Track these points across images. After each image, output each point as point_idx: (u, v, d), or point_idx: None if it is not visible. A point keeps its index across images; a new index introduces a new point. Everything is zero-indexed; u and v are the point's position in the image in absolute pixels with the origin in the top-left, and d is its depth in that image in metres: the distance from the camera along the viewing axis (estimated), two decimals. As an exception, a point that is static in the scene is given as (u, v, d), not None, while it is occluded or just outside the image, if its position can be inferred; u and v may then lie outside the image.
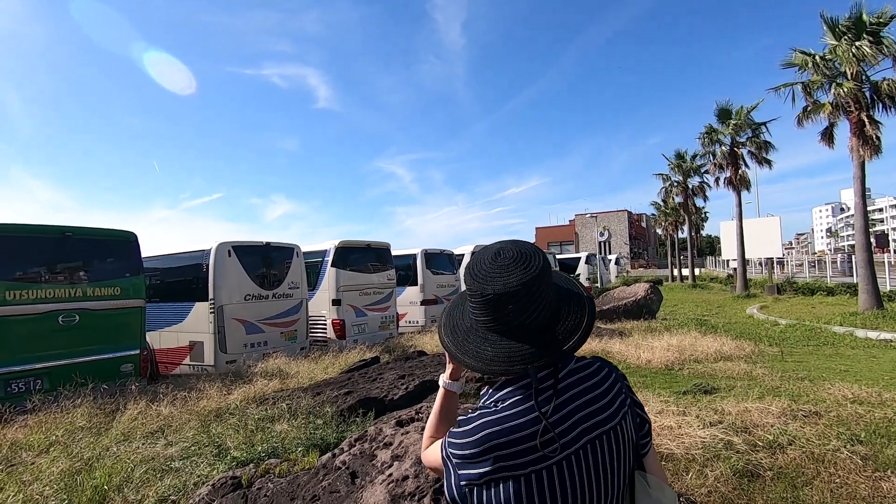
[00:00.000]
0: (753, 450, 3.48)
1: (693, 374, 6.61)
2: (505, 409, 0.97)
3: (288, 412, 4.63)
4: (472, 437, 0.95)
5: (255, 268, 9.39)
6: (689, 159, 32.27)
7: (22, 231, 6.73)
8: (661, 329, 10.57)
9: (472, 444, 0.94)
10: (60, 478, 3.45)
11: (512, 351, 0.96)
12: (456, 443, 0.97)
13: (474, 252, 15.67)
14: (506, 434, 0.93)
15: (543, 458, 0.93)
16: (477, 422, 0.96)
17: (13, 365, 6.30)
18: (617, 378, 1.08)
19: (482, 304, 0.98)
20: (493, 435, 0.93)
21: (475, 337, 1.01)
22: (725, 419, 4.06)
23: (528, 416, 0.94)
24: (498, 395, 1.00)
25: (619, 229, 63.34)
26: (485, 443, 0.93)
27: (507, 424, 0.94)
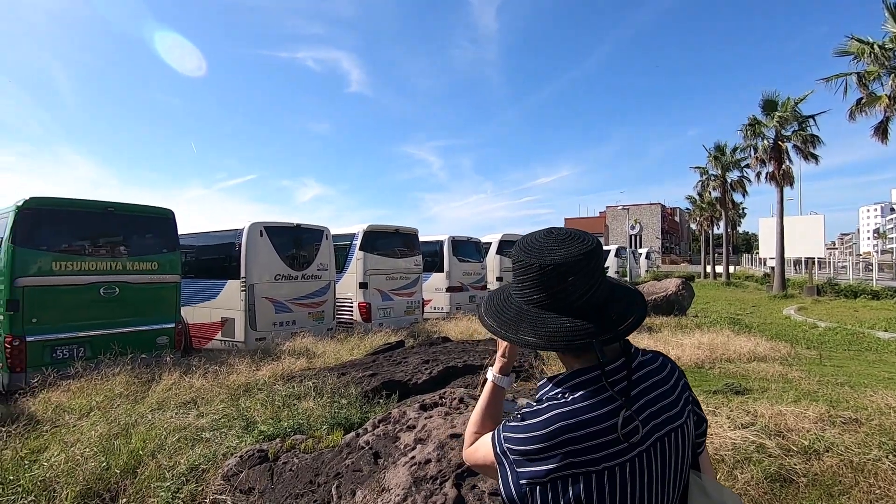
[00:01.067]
0: (787, 454, 3.35)
1: (724, 374, 6.42)
2: (575, 400, 0.90)
3: (314, 391, 4.72)
4: (542, 430, 0.88)
5: (286, 248, 9.56)
6: (730, 152, 31.07)
7: (69, 205, 7.03)
8: (692, 326, 10.29)
9: (541, 437, 0.87)
10: (99, 441, 3.62)
11: (572, 326, 0.91)
12: (517, 437, 0.90)
13: (503, 240, 15.59)
14: (580, 427, 0.87)
15: (617, 455, 0.88)
16: (548, 413, 0.89)
17: (59, 332, 6.63)
18: (680, 374, 1.04)
19: (538, 278, 0.93)
20: (566, 428, 0.87)
21: (528, 318, 0.95)
22: (758, 421, 3.92)
23: (604, 409, 0.89)
24: (564, 387, 0.94)
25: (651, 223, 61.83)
26: (557, 436, 0.86)
27: (581, 417, 0.88)
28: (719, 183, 32.63)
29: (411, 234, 12.24)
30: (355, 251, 11.09)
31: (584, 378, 0.92)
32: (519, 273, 0.98)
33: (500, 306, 1.02)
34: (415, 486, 2.26)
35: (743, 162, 29.94)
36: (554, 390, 0.94)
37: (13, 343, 6.23)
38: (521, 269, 0.97)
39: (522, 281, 0.96)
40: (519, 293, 0.98)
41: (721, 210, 34.18)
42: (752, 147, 24.23)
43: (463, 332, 9.24)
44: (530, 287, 0.95)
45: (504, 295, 1.04)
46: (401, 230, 12.01)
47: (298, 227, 9.94)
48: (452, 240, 13.65)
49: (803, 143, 22.06)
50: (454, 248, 13.58)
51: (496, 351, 1.13)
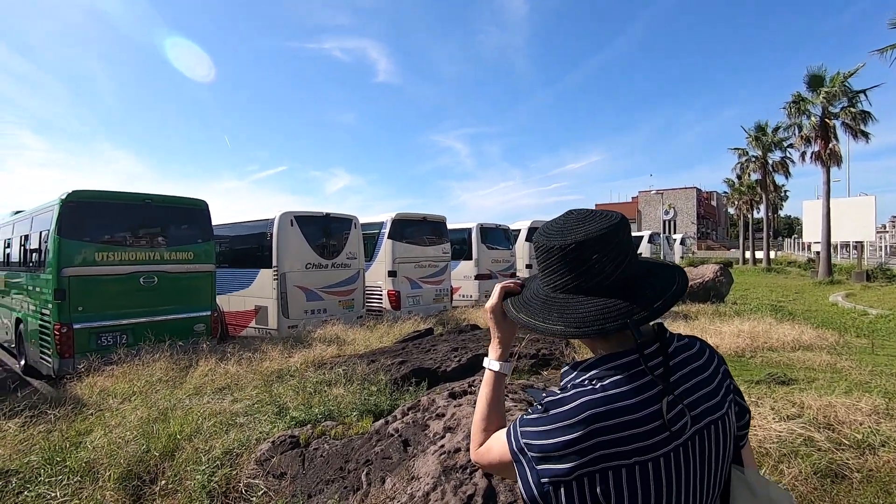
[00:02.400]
0: (838, 448, 3.16)
1: (767, 363, 6.14)
2: (606, 387, 0.81)
3: (344, 377, 4.76)
4: (568, 420, 0.79)
5: (316, 238, 9.67)
6: (771, 132, 29.62)
7: (109, 198, 7.28)
8: (731, 313, 9.91)
9: (568, 429, 0.78)
10: (140, 425, 3.74)
11: (603, 308, 0.83)
12: (539, 431, 0.82)
13: (532, 227, 15.37)
14: (612, 416, 0.78)
15: (652, 448, 0.79)
16: (576, 402, 0.80)
17: (103, 320, 6.91)
18: (720, 361, 0.95)
19: (561, 259, 0.87)
20: (597, 417, 0.78)
21: (556, 305, 0.88)
22: (805, 413, 3.72)
23: (639, 397, 0.80)
24: (592, 374, 0.85)
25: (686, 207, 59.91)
26: (586, 427, 0.78)
27: (613, 405, 0.79)
28: (760, 164, 31.19)
29: (439, 221, 12.20)
30: (384, 240, 11.14)
31: (617, 363, 0.84)
32: (542, 259, 0.91)
33: (527, 297, 0.96)
34: (444, 475, 2.23)
35: (786, 142, 28.49)
36: (581, 377, 0.86)
37: (61, 330, 6.53)
38: (543, 255, 0.91)
39: (546, 267, 0.90)
40: (544, 280, 0.92)
41: (761, 193, 32.72)
42: (797, 126, 23.02)
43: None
44: (554, 271, 0.88)
45: (532, 286, 0.98)
46: (429, 218, 11.97)
47: (328, 216, 10.03)
48: (481, 227, 13.53)
49: (853, 120, 20.79)
50: (483, 235, 13.47)
51: (498, 338, 1.03)
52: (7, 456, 3.31)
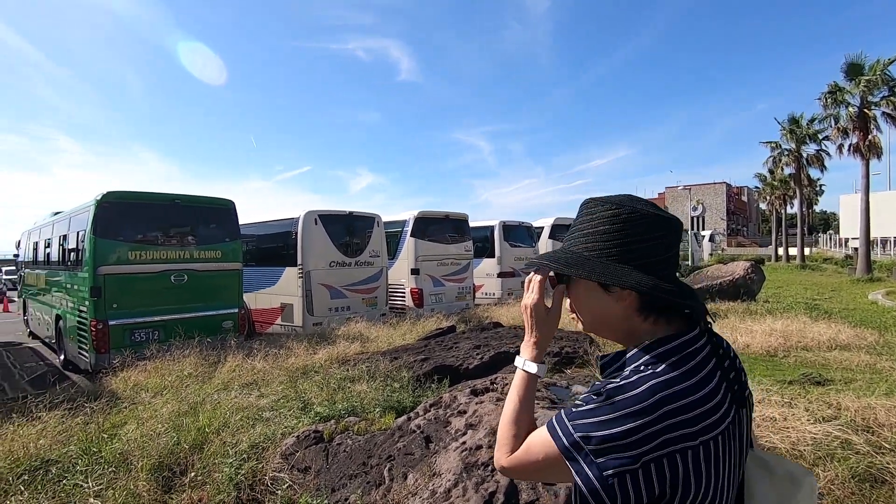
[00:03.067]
0: (878, 452, 3.03)
1: (801, 363, 5.94)
2: (666, 370, 0.81)
3: (367, 374, 4.80)
4: (638, 405, 0.77)
5: (339, 236, 9.78)
6: (806, 124, 28.56)
7: (141, 198, 7.51)
8: (763, 312, 9.60)
9: (637, 414, 0.77)
10: (170, 418, 3.85)
11: (658, 283, 0.86)
12: (601, 420, 0.78)
13: (556, 224, 15.20)
14: (678, 398, 0.78)
15: (711, 427, 0.79)
16: (642, 387, 0.79)
17: (136, 317, 7.15)
18: (731, 348, 0.97)
19: (626, 225, 0.87)
20: (665, 399, 0.77)
21: (621, 268, 0.88)
22: (842, 415, 3.57)
23: (697, 376, 0.81)
24: (642, 360, 0.84)
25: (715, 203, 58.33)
26: (656, 411, 0.77)
27: (677, 387, 0.79)
28: (793, 158, 30.13)
29: (461, 219, 12.18)
30: (406, 237, 11.19)
31: (671, 346, 0.85)
32: (598, 223, 0.90)
33: (567, 258, 0.92)
34: (466, 471, 2.22)
35: (821, 134, 27.44)
36: (640, 358, 0.85)
37: (98, 326, 6.78)
38: (602, 220, 0.89)
39: (603, 233, 0.89)
40: (590, 246, 0.90)
41: (795, 187, 31.60)
42: (833, 117, 22.12)
43: (515, 318, 9.11)
44: (613, 237, 0.88)
45: (565, 251, 0.95)
46: (451, 216, 11.97)
47: (351, 214, 10.13)
48: (503, 224, 13.46)
49: (894, 109, 19.87)
50: (505, 232, 13.40)
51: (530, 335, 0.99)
52: (48, 446, 3.46)
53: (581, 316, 0.96)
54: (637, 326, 0.90)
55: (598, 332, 0.97)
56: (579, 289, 0.93)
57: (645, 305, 0.89)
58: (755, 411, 3.64)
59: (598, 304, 0.92)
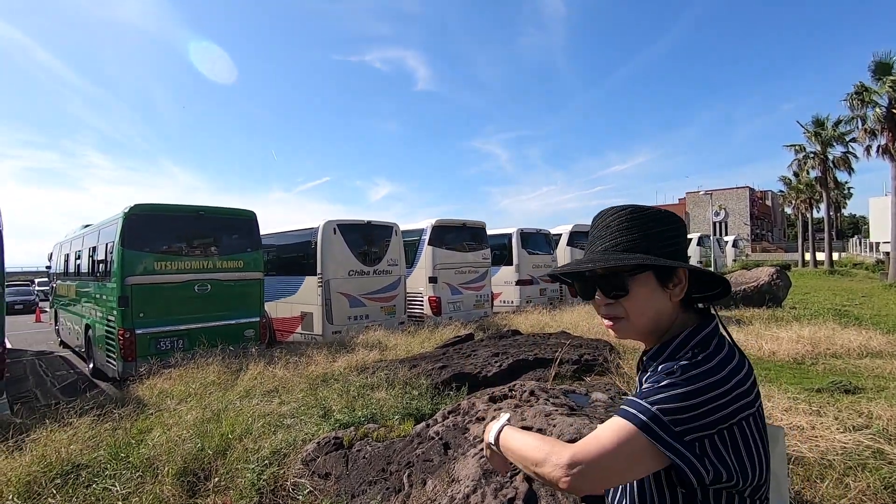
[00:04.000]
0: (913, 462, 2.92)
1: (830, 371, 5.76)
2: (716, 352, 0.88)
3: (386, 382, 4.83)
4: (715, 376, 0.84)
5: (358, 245, 9.88)
6: (831, 126, 27.86)
7: (167, 210, 7.73)
8: (789, 318, 9.35)
9: (715, 384, 0.83)
10: (195, 424, 3.93)
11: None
12: (678, 393, 0.81)
13: (574, 231, 15.09)
14: (738, 371, 0.86)
15: (756, 398, 0.88)
16: (712, 361, 0.86)
17: (161, 326, 7.33)
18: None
19: (679, 228, 0.97)
20: (734, 371, 0.86)
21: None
22: (874, 424, 3.46)
23: (736, 356, 0.89)
24: (690, 347, 0.91)
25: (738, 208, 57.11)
26: (731, 378, 0.84)
27: (734, 363, 0.87)
28: (819, 161, 29.37)
29: (479, 227, 12.20)
30: (424, 246, 11.24)
31: (707, 332, 0.93)
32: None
33: (635, 256, 0.94)
34: (484, 478, 2.22)
35: (848, 136, 26.74)
36: (686, 345, 0.91)
37: (125, 335, 6.97)
38: (668, 220, 0.97)
39: (660, 234, 0.96)
40: (640, 245, 0.96)
41: (821, 191, 30.78)
42: (860, 118, 21.56)
43: (533, 326, 9.06)
44: (668, 239, 0.95)
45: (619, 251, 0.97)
46: (468, 224, 12.00)
47: (369, 223, 10.24)
48: (521, 232, 13.43)
49: (924, 109, 19.27)
50: (523, 240, 13.36)
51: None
52: (78, 451, 3.56)
53: (637, 320, 0.95)
54: (675, 321, 0.96)
55: (645, 333, 0.97)
56: (642, 290, 0.94)
57: (684, 299, 0.96)
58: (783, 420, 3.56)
59: (658, 303, 0.94)
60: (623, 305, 0.95)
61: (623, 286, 0.94)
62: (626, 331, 0.97)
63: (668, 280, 0.94)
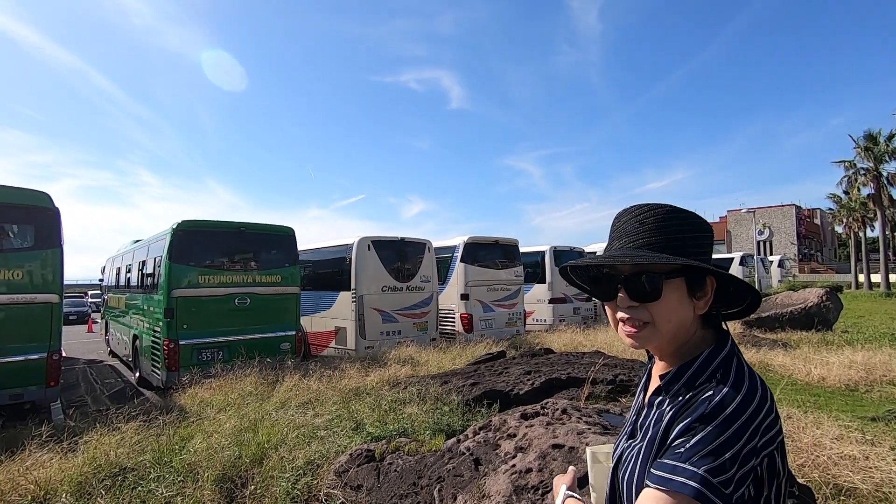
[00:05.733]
0: (979, 498, 2.72)
1: (886, 399, 5.42)
2: (739, 382, 0.81)
3: (417, 397, 4.86)
4: (742, 415, 0.77)
5: (391, 261, 10.03)
6: (884, 141, 26.57)
7: (211, 226, 8.10)
8: (841, 342, 8.86)
9: (768, 409, 0.79)
10: (233, 433, 4.06)
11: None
12: (717, 445, 0.75)
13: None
14: (764, 401, 0.80)
15: (779, 424, 0.84)
16: (737, 399, 0.78)
17: (203, 337, 7.61)
18: None
19: (711, 237, 0.93)
20: (759, 406, 0.79)
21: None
22: (935, 456, 3.24)
23: (758, 388, 0.82)
24: (710, 373, 0.84)
25: (783, 227, 54.75)
26: (757, 415, 0.78)
27: (760, 392, 0.81)
28: (871, 177, 28.01)
29: (511, 244, 12.17)
30: (456, 263, 11.29)
31: (726, 354, 0.87)
32: (685, 233, 0.89)
33: (672, 258, 0.87)
34: (515, 494, 2.21)
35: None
36: (706, 370, 0.85)
37: (170, 346, 7.27)
38: (693, 229, 0.89)
39: (692, 239, 0.89)
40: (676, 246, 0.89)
41: (875, 209, 29.23)
42: (916, 133, 20.49)
43: (567, 345, 8.92)
44: (702, 246, 0.90)
45: (652, 252, 0.89)
46: (501, 241, 12.00)
47: (402, 240, 10.38)
48: (554, 250, 13.32)
49: None
50: (556, 258, 13.23)
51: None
52: (125, 454, 3.74)
53: (663, 327, 0.87)
54: (694, 335, 0.90)
55: (667, 344, 0.90)
56: (673, 296, 0.86)
57: (704, 313, 0.90)
58: (833, 448, 3.37)
59: (684, 311, 0.87)
60: (649, 310, 0.86)
61: (657, 289, 0.85)
62: (649, 339, 0.88)
63: (697, 290, 0.87)
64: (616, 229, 0.93)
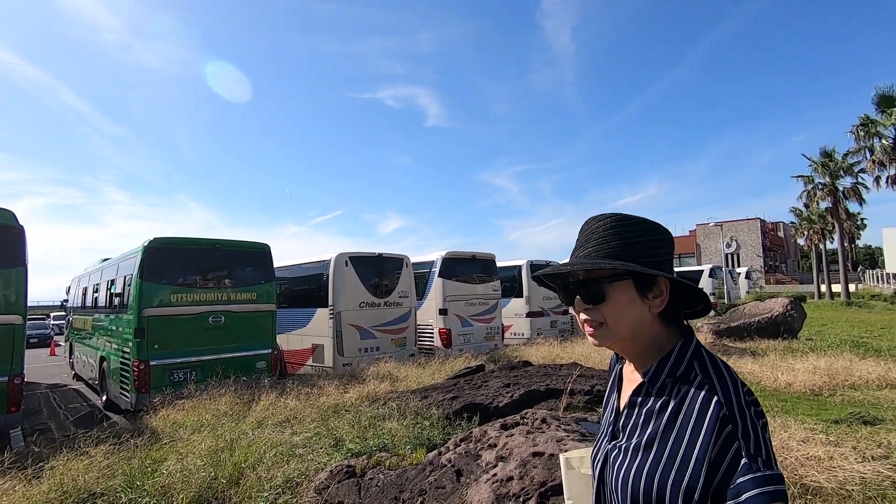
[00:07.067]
0: (934, 493, 2.87)
1: (848, 402, 5.65)
2: (721, 370, 0.89)
3: (398, 412, 4.84)
4: (754, 405, 0.85)
5: (369, 277, 9.98)
6: (840, 157, 27.99)
7: (184, 243, 7.94)
8: (805, 350, 9.20)
9: (760, 411, 0.86)
10: (208, 454, 3.96)
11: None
12: (765, 443, 0.81)
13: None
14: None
15: None
16: (734, 388, 0.85)
17: (175, 357, 7.40)
18: None
19: (671, 241, 0.98)
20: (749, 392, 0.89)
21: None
22: (893, 454, 3.41)
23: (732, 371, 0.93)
24: (687, 366, 0.90)
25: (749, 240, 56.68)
26: (752, 400, 0.86)
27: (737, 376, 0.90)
28: (828, 192, 29.39)
29: (488, 259, 12.28)
30: (434, 278, 11.32)
31: (694, 348, 0.93)
32: (649, 240, 0.94)
33: (617, 263, 0.92)
34: (497, 502, 2.24)
35: (857, 167, 26.82)
36: (682, 365, 0.90)
37: (140, 367, 7.05)
38: (658, 238, 0.95)
39: (654, 246, 0.94)
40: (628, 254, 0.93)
41: (833, 221, 30.62)
42: (867, 149, 21.72)
43: (545, 357, 9.00)
44: (652, 249, 0.93)
45: (601, 258, 0.94)
46: (478, 256, 12.10)
47: (380, 256, 10.37)
48: (531, 264, 13.49)
49: (932, 140, 19.37)
50: (533, 272, 13.38)
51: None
52: (94, 479, 3.60)
53: (615, 327, 0.92)
54: (657, 334, 0.95)
55: (625, 342, 0.95)
56: (620, 298, 0.91)
57: (664, 312, 0.94)
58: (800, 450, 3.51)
59: (636, 313, 0.92)
60: (600, 311, 0.93)
61: (600, 292, 0.92)
62: (606, 338, 0.94)
63: (647, 290, 0.92)
64: (578, 238, 1.00)
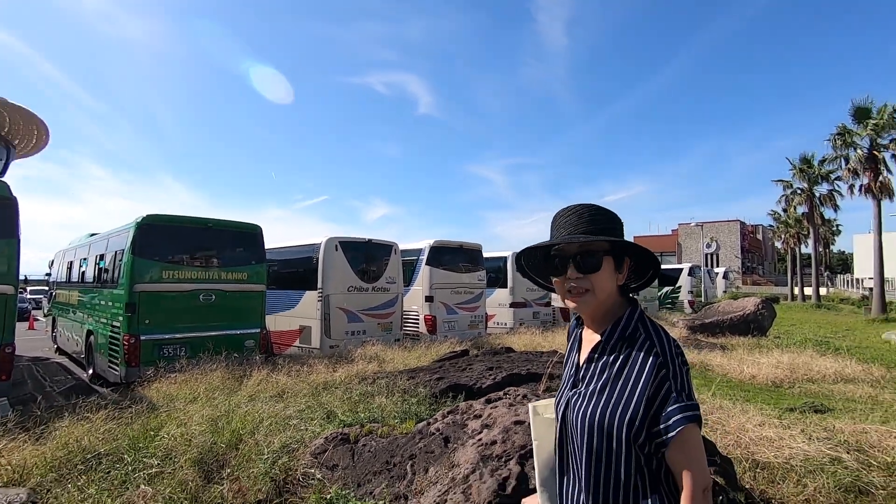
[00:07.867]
0: (866, 468, 3.23)
1: (804, 393, 6.09)
2: (663, 331, 1.18)
3: (386, 389, 5.09)
4: (682, 353, 1.14)
5: (358, 262, 10.17)
6: (818, 164, 28.86)
7: (177, 221, 8.02)
8: (772, 346, 9.71)
9: (685, 360, 1.15)
10: (206, 421, 4.16)
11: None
12: (685, 377, 1.11)
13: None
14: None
15: None
16: (672, 341, 1.13)
17: (166, 333, 7.53)
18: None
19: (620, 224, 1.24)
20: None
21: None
22: (836, 437, 3.78)
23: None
24: (638, 325, 1.16)
25: (729, 241, 58.04)
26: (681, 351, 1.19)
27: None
28: (806, 197, 30.32)
29: (475, 249, 12.55)
30: (422, 266, 11.55)
31: (641, 311, 1.21)
32: (604, 221, 1.19)
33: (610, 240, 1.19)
34: (482, 461, 2.51)
35: (833, 174, 27.71)
36: (632, 325, 1.16)
37: (130, 341, 7.16)
38: (614, 218, 1.21)
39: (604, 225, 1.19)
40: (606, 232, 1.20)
41: (808, 226, 31.63)
42: (843, 158, 22.46)
43: (527, 345, 9.34)
44: (622, 233, 1.21)
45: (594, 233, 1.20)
46: (465, 246, 12.36)
47: (370, 242, 10.55)
48: (516, 255, 13.77)
49: (904, 152, 20.14)
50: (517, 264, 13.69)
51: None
52: (98, 441, 3.79)
53: (600, 294, 1.16)
54: (614, 303, 1.21)
55: (601, 308, 1.18)
56: (607, 269, 1.16)
57: (623, 285, 1.21)
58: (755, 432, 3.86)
59: (612, 283, 1.17)
60: (591, 280, 1.15)
61: (599, 262, 1.15)
62: (588, 304, 1.17)
63: (619, 266, 1.19)
64: (558, 223, 1.22)
